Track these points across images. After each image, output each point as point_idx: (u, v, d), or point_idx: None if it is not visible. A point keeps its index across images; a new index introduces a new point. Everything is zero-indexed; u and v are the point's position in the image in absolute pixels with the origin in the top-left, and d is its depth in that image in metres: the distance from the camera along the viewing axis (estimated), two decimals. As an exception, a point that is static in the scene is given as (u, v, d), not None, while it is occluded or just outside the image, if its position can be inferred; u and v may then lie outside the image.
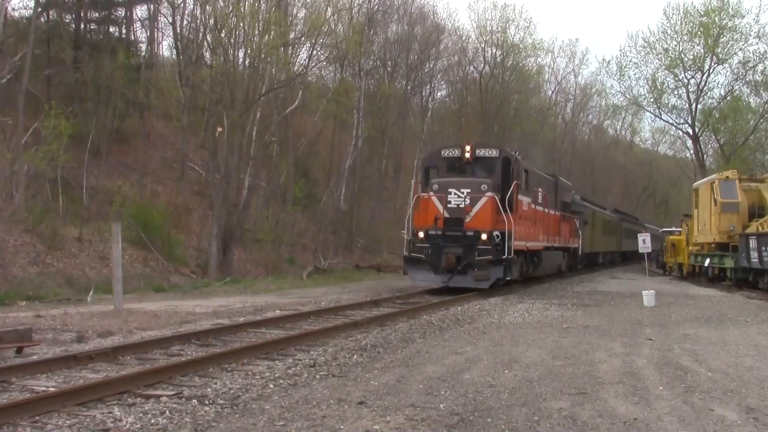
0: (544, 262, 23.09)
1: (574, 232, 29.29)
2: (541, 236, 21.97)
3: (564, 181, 29.04)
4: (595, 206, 39.61)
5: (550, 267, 24.81)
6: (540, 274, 24.03)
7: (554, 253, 25.06)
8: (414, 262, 18.19)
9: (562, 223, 26.47)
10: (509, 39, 51.94)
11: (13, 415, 5.44)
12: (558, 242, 25.35)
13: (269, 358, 8.57)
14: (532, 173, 21.42)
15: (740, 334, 11.91)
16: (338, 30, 34.34)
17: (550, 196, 24.08)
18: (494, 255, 17.53)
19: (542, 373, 7.89)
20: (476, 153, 19.26)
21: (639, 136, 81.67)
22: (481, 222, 17.83)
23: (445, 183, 18.43)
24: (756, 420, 6.03)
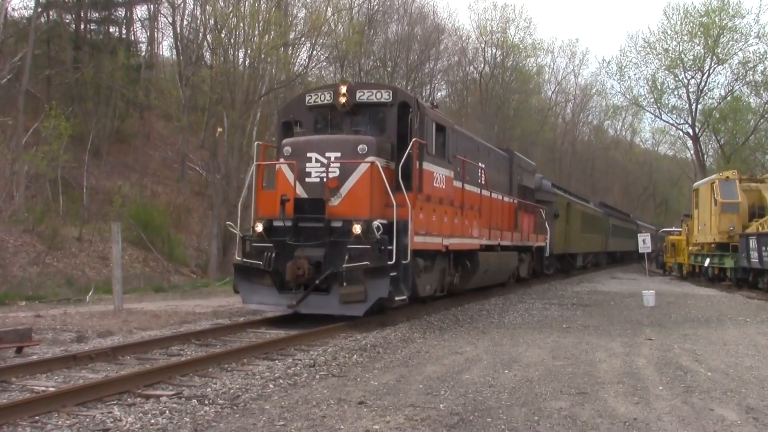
0: (484, 267, 16.02)
1: (539, 227, 22.96)
2: (476, 230, 15.34)
3: (524, 160, 22.43)
4: (572, 196, 33.40)
5: (495, 274, 18.07)
6: (477, 285, 16.88)
7: (504, 255, 18.40)
8: (247, 273, 11.74)
9: (521, 214, 20.23)
10: (509, 39, 51.99)
11: (13, 415, 5.44)
12: (512, 239, 18.90)
13: (269, 358, 8.57)
14: (456, 134, 14.60)
15: (740, 334, 11.91)
16: (338, 30, 34.33)
17: (499, 177, 18.63)
18: (376, 259, 10.98)
19: (542, 373, 7.89)
20: (357, 97, 12.43)
21: (639, 137, 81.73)
22: (356, 205, 11.36)
23: (302, 144, 11.86)
24: (756, 420, 6.03)
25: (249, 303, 11.88)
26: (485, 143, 18.60)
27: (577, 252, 32.27)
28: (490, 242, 16.60)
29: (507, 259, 19.13)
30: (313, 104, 12.87)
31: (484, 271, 16.18)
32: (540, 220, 23.34)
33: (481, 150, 17.21)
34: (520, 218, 20.22)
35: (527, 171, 22.51)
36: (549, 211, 25.13)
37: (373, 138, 11.88)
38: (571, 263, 31.66)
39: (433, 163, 12.73)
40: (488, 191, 16.78)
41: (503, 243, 18.01)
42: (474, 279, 15.86)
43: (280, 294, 11.40)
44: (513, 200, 19.78)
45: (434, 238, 12.74)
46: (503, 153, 20.11)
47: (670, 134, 58.82)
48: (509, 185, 19.85)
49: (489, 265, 16.61)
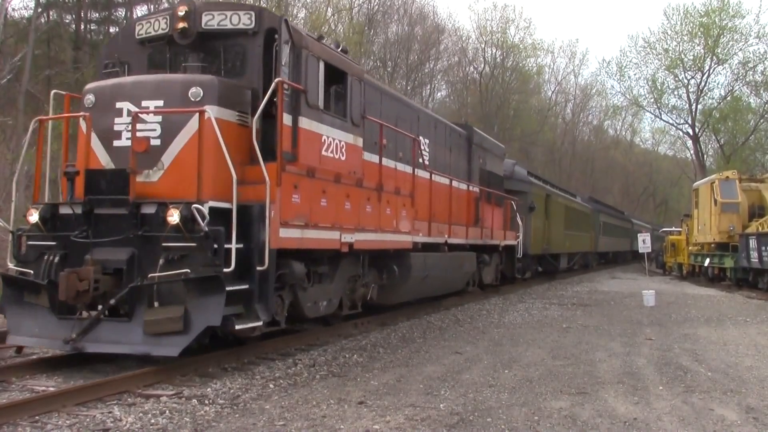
0: (421, 273, 12.21)
1: (509, 222, 19.26)
2: (406, 223, 11.55)
3: (488, 140, 18.60)
4: (554, 188, 29.20)
5: (441, 281, 13.86)
6: (413, 297, 13.14)
7: (455, 257, 14.46)
8: (18, 288, 7.85)
9: (484, 205, 16.68)
10: (509, 39, 52.10)
11: (13, 415, 5.44)
12: (466, 236, 15.14)
13: (269, 357, 8.56)
14: (371, 90, 11.04)
15: (740, 334, 11.91)
16: (338, 30, 34.36)
17: (451, 157, 14.95)
18: (206, 265, 7.27)
19: (542, 373, 7.89)
20: (204, 22, 8.58)
21: (639, 137, 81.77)
22: (185, 181, 7.59)
23: (108, 90, 8.17)
24: (756, 420, 6.03)
25: (15, 337, 7.71)
26: (430, 113, 15.28)
27: (561, 252, 28.26)
28: (431, 239, 12.76)
29: (460, 261, 14.74)
30: (144, 36, 8.93)
31: (421, 278, 12.25)
32: (510, 214, 19.47)
33: (423, 120, 13.42)
34: (482, 210, 16.44)
35: (493, 154, 18.68)
36: (522, 203, 21.35)
37: (213, 78, 7.99)
38: (554, 265, 27.47)
39: (320, 121, 8.82)
40: (428, 173, 12.82)
41: (453, 241, 14.14)
42: (405, 289, 11.92)
43: (59, 321, 7.44)
44: (472, 188, 16.04)
45: (325, 233, 8.84)
46: (458, 129, 16.02)
47: (670, 134, 58.94)
48: (467, 169, 16.11)
49: (430, 269, 12.53)
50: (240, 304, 7.52)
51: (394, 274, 11.55)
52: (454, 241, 14.32)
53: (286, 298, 8.49)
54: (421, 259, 12.25)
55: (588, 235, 35.33)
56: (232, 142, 7.75)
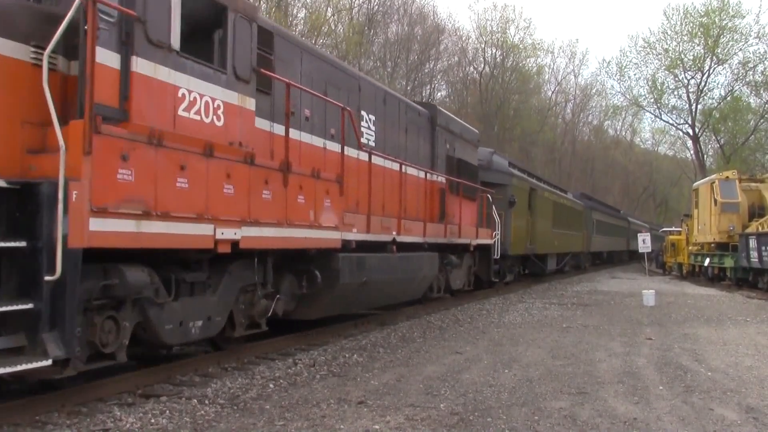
0: (356, 278, 9.85)
1: (484, 219, 17.03)
2: (332, 215, 9.04)
3: (457, 122, 16.05)
4: (540, 181, 26.71)
5: (389, 288, 11.40)
6: (345, 310, 10.87)
7: (408, 259, 11.72)
8: None
9: (451, 198, 14.47)
10: (509, 39, 52.18)
11: (13, 415, 5.44)
12: (424, 234, 12.52)
13: (269, 357, 8.57)
14: (275, 39, 8.61)
15: (740, 334, 11.92)
16: (338, 30, 34.40)
17: (405, 140, 12.68)
18: None
19: (542, 373, 7.89)
20: None
21: (639, 137, 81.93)
22: None
23: None
24: (756, 420, 6.03)
25: None
26: (378, 84, 12.63)
27: (548, 252, 25.78)
28: (371, 237, 10.34)
29: (415, 263, 12.08)
30: None
31: (356, 285, 9.79)
32: (486, 208, 17.23)
33: (367, 92, 11.12)
34: (449, 204, 14.20)
35: (464, 140, 16.07)
36: (501, 196, 19.05)
37: None
38: (541, 267, 25.07)
39: (176, 68, 6.52)
40: (367, 154, 10.51)
41: (406, 239, 11.59)
42: (332, 299, 9.41)
43: None
44: (435, 177, 13.71)
45: (184, 226, 6.32)
46: (417, 107, 13.70)
47: (670, 134, 59.08)
48: (430, 155, 13.82)
49: (369, 274, 10.09)
50: (19, 332, 5.15)
51: (316, 281, 8.96)
52: (406, 240, 11.63)
53: (128, 320, 6.10)
54: (354, 262, 9.64)
55: (579, 234, 32.94)
56: (22, 90, 5.55)
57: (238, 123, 7.31)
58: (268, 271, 8.18)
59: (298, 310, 9.20)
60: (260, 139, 8.02)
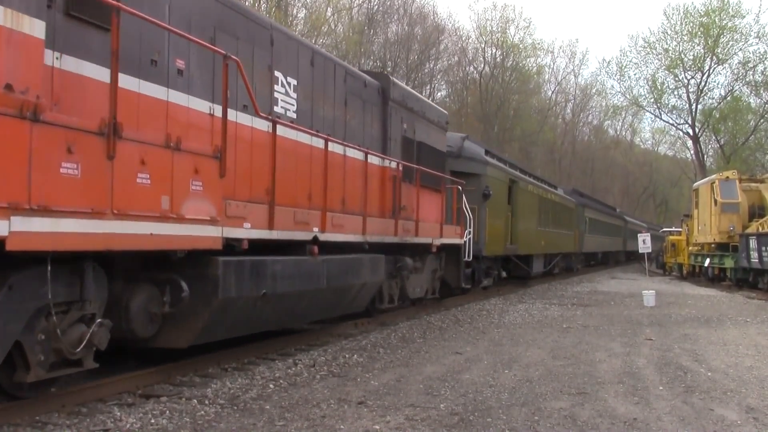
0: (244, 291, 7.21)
1: (454, 215, 14.82)
2: (204, 202, 6.47)
3: (415, 98, 13.47)
4: (525, 174, 23.94)
5: (303, 301, 8.82)
6: (229, 334, 7.68)
7: (337, 263, 9.39)
8: None
9: (408, 189, 12.26)
10: (509, 39, 52.22)
11: (13, 415, 5.44)
12: (365, 231, 10.23)
13: (269, 358, 8.57)
14: None
15: (740, 334, 11.92)
16: (338, 30, 34.42)
17: (345, 114, 10.41)
18: None
19: (542, 373, 7.89)
20: None
21: (639, 137, 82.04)
22: None
23: None
24: (756, 420, 6.03)
25: None
26: (302, 40, 10.25)
27: (533, 253, 23.22)
28: (279, 235, 7.91)
29: (349, 269, 9.70)
30: None
31: (252, 300, 7.40)
32: (457, 202, 14.92)
33: (283, 47, 8.69)
34: (405, 196, 12.05)
35: (427, 120, 13.65)
36: (475, 189, 16.62)
37: None
38: (525, 269, 22.62)
39: None
40: (269, 123, 7.91)
41: (334, 237, 9.21)
42: (211, 320, 6.94)
43: None
44: (387, 163, 11.51)
45: None
46: (363, 75, 11.31)
47: (670, 134, 59.13)
48: (380, 136, 11.57)
49: (273, 283, 7.70)
50: None
51: (181, 294, 6.56)
52: (334, 238, 9.25)
53: None
54: (245, 268, 7.21)
55: (571, 234, 30.53)
56: None
57: (3, 54, 4.74)
58: (86, 284, 5.66)
59: (161, 335, 6.70)
60: (73, 89, 5.61)
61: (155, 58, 6.41)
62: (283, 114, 8.61)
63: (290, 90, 8.90)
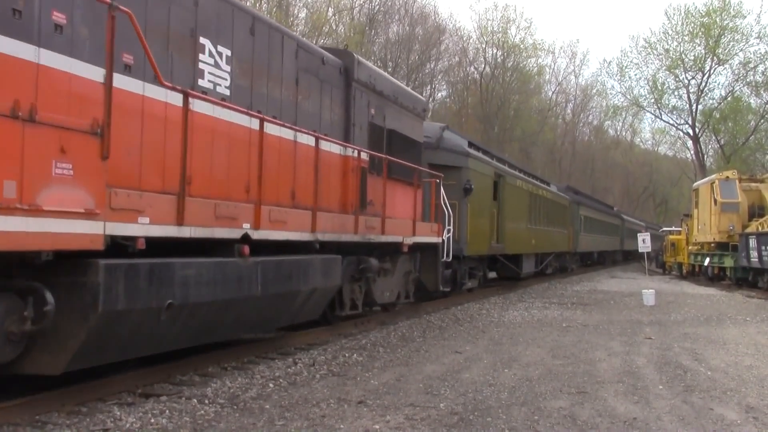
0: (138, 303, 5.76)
1: (432, 211, 13.73)
2: (75, 190, 5.15)
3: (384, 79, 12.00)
4: (514, 169, 22.55)
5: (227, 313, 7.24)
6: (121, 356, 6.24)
7: (274, 266, 7.85)
8: None
9: (375, 181, 10.92)
10: (510, 39, 52.22)
11: (13, 415, 5.45)
12: (314, 228, 8.72)
13: (269, 357, 8.57)
14: None
15: (740, 333, 11.92)
16: (339, 30, 34.39)
17: (299, 94, 9.05)
18: None
19: (542, 372, 7.90)
20: None
21: (639, 137, 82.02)
22: None
23: None
24: (756, 419, 6.04)
25: None
26: (239, 3, 8.07)
27: (523, 253, 21.90)
28: (193, 232, 6.56)
29: (294, 272, 8.32)
30: None
31: (153, 312, 6.04)
32: (435, 198, 13.78)
33: (211, 10, 7.26)
34: (372, 189, 10.81)
35: (401, 107, 12.29)
36: (455, 183, 15.53)
37: None
38: (515, 270, 21.27)
39: None
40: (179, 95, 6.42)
41: (274, 235, 7.86)
42: (90, 339, 5.48)
43: None
44: (351, 152, 10.18)
45: None
46: (320, 51, 9.89)
47: (670, 134, 59.13)
48: (342, 121, 10.28)
49: (184, 292, 6.35)
50: None
51: (44, 307, 5.18)
52: (273, 236, 7.84)
53: None
54: (140, 273, 5.80)
55: (565, 232, 29.30)
56: None
57: None
58: None
59: (29, 358, 5.42)
60: None
61: (18, 8, 4.94)
62: (211, 89, 7.20)
63: (221, 62, 7.49)
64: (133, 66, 6.06)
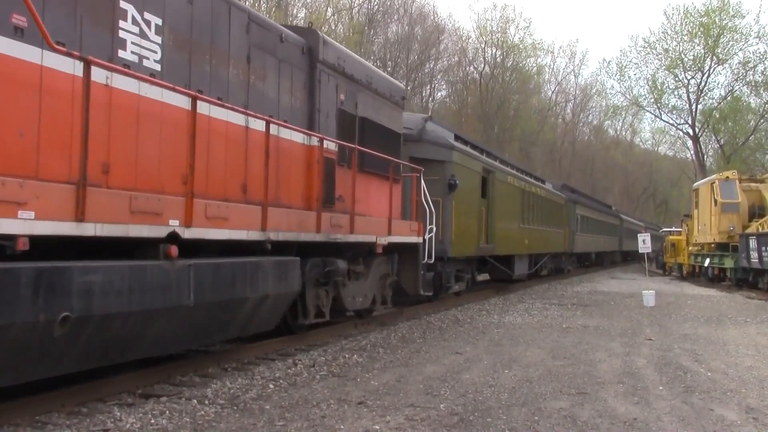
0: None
1: (414, 209, 12.54)
2: None
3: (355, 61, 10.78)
4: (505, 165, 21.31)
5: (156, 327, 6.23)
6: None
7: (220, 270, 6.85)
8: None
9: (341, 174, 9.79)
10: (509, 39, 52.24)
11: (13, 415, 5.44)
12: (266, 225, 7.56)
13: (269, 358, 8.57)
14: None
15: (740, 334, 11.92)
16: (338, 30, 34.39)
17: (252, 75, 7.96)
18: None
19: (542, 373, 7.89)
20: None
21: (639, 137, 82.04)
22: None
23: None
24: (756, 420, 6.04)
25: None
26: None
27: (515, 253, 20.60)
28: (94, 229, 5.38)
29: (235, 274, 7.18)
30: None
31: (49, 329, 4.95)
32: (417, 194, 12.54)
33: None
34: (341, 183, 9.74)
35: (376, 94, 11.25)
36: (439, 177, 14.32)
37: None
38: (506, 272, 19.99)
39: None
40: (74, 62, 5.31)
41: (212, 234, 6.81)
42: None
43: None
44: (313, 141, 8.94)
45: None
46: (278, 27, 8.87)
47: (670, 134, 59.15)
48: (306, 107, 9.17)
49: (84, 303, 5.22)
50: None
51: None
52: (210, 235, 6.74)
53: None
54: (20, 281, 4.80)
55: (560, 232, 28.12)
56: None
57: None
58: None
59: None
60: None
61: None
62: (135, 63, 6.20)
63: (149, 31, 6.44)
64: (27, 30, 5.04)
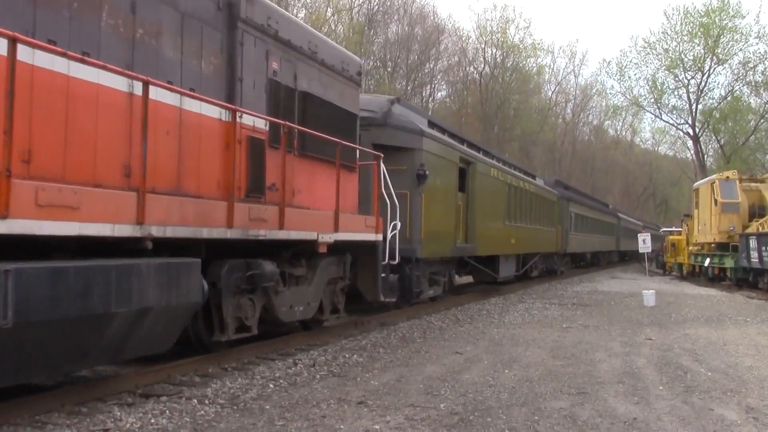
0: None
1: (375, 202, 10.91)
2: None
3: (293, 22, 9.12)
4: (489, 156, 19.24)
5: None
6: None
7: (33, 277, 4.66)
8: None
9: (272, 157, 8.05)
10: (509, 39, 52.21)
11: (13, 415, 5.44)
12: (143, 218, 5.78)
13: (269, 357, 8.57)
14: None
15: (740, 334, 11.92)
16: (338, 30, 34.39)
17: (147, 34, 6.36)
18: None
19: (542, 373, 7.89)
20: None
21: (639, 137, 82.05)
22: None
23: None
24: (756, 420, 6.03)
25: None
26: None
27: (500, 254, 18.79)
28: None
29: (90, 282, 5.21)
30: None
31: None
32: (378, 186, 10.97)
33: None
34: (271, 170, 8.14)
35: (322, 65, 9.57)
36: (406, 167, 12.74)
37: None
38: (491, 274, 18.46)
39: None
40: None
41: (62, 229, 5.02)
42: None
43: None
44: (233, 117, 7.29)
45: None
46: None
47: (670, 134, 59.16)
48: (225, 75, 7.61)
49: None
50: None
51: None
52: (45, 230, 4.95)
53: None
54: None
55: (552, 231, 26.27)
56: None
57: None
58: None
59: None
60: None
61: None
62: None
63: None
64: None
